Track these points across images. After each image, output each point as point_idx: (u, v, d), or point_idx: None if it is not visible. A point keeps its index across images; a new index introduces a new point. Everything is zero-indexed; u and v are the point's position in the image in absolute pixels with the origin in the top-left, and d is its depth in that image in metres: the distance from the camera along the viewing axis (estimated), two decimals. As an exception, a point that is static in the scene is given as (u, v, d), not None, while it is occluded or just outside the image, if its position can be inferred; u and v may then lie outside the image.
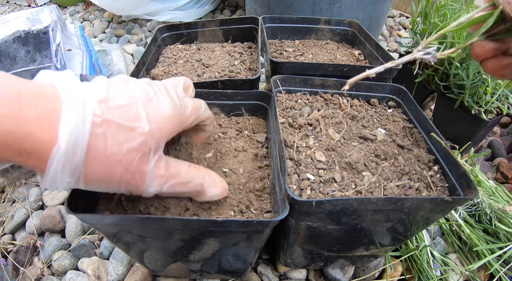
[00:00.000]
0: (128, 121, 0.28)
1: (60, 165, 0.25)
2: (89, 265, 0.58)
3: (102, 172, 0.28)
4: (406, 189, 0.41)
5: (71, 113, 0.25)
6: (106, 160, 0.27)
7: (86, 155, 0.26)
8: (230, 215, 0.41)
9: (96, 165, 0.27)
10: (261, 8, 1.13)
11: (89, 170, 0.27)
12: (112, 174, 0.28)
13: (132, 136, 0.28)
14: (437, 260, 0.59)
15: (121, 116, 0.27)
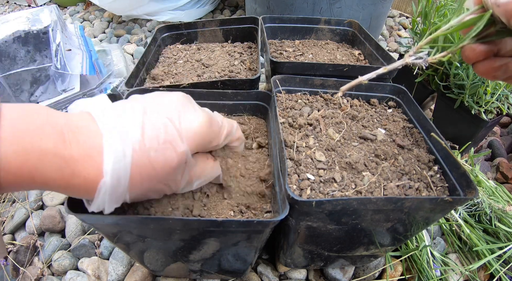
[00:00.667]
0: (165, 144, 0.29)
1: (107, 197, 0.27)
2: (89, 265, 0.58)
3: (144, 192, 0.30)
4: (406, 189, 0.41)
5: (112, 149, 0.27)
6: (147, 182, 0.29)
7: (129, 183, 0.28)
8: (230, 215, 0.41)
9: (137, 189, 0.29)
10: (261, 8, 1.13)
11: (132, 195, 0.29)
12: (152, 190, 0.31)
13: (170, 157, 0.29)
14: (437, 260, 0.59)
15: (158, 140, 0.29)
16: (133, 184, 0.28)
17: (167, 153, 0.29)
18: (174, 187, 0.33)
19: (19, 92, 0.80)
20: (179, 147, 0.30)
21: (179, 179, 0.33)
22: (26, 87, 0.80)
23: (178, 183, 0.33)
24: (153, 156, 0.28)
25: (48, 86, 0.82)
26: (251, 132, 0.54)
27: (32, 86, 0.81)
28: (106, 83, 0.85)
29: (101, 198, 0.27)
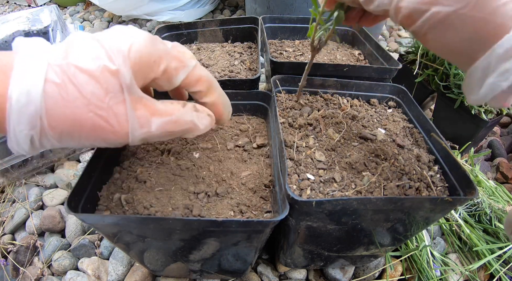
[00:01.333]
0: (88, 60, 0.25)
1: (15, 117, 0.23)
2: (89, 265, 0.58)
3: (68, 119, 0.25)
4: (406, 189, 0.41)
5: (22, 64, 0.23)
6: (69, 105, 0.25)
7: (45, 103, 0.24)
8: (230, 215, 0.41)
9: (58, 113, 0.24)
10: (261, 8, 1.13)
11: (52, 119, 0.24)
12: (80, 121, 0.25)
13: (95, 73, 0.25)
14: (437, 260, 0.59)
15: (79, 58, 0.25)
16: (49, 105, 0.24)
17: (88, 71, 0.25)
18: (116, 123, 0.26)
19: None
20: (108, 65, 0.25)
21: (121, 111, 0.26)
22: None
23: (120, 117, 0.26)
24: (72, 72, 0.24)
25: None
26: (251, 133, 0.54)
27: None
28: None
29: (12, 121, 0.23)
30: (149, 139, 0.30)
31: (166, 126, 0.29)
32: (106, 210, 0.41)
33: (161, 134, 0.30)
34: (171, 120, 0.30)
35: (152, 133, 0.29)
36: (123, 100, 0.26)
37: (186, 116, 0.31)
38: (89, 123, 0.26)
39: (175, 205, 0.41)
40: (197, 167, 0.47)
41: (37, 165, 0.75)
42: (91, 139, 0.27)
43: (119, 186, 0.44)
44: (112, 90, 0.25)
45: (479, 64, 0.23)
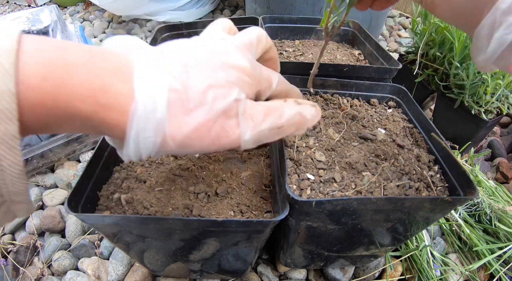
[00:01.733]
0: (209, 73, 0.25)
1: (142, 121, 0.23)
2: (89, 265, 0.58)
3: (189, 128, 0.24)
4: (406, 189, 0.41)
5: (144, 68, 0.23)
6: (196, 114, 0.24)
7: (168, 111, 0.23)
8: (230, 215, 0.41)
9: (180, 121, 0.24)
10: (261, 8, 1.13)
11: (174, 127, 0.24)
12: (200, 130, 0.25)
13: (220, 90, 0.25)
14: (437, 260, 0.59)
15: (200, 74, 0.25)
16: (173, 113, 0.23)
17: (216, 84, 0.25)
18: (232, 129, 0.26)
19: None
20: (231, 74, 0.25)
21: (233, 125, 0.26)
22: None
23: (234, 129, 0.26)
24: (194, 83, 0.24)
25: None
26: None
27: (32, 86, 0.80)
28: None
29: (135, 124, 0.22)
30: (261, 140, 0.29)
31: (273, 122, 0.28)
32: (106, 210, 0.41)
33: (270, 131, 0.29)
34: (277, 114, 0.29)
35: (262, 132, 0.28)
36: (238, 112, 0.26)
37: (291, 108, 0.30)
38: (210, 134, 0.25)
39: (175, 205, 0.41)
40: (197, 167, 0.47)
41: (37, 165, 0.75)
42: (208, 147, 0.27)
43: (119, 186, 0.44)
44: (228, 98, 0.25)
45: (485, 21, 0.24)
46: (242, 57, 0.27)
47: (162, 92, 0.23)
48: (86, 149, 0.80)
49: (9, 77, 0.18)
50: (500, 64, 0.25)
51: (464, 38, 0.68)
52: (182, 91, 0.24)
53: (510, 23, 0.23)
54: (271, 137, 0.29)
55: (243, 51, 0.28)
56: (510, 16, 0.23)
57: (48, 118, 0.21)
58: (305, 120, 0.31)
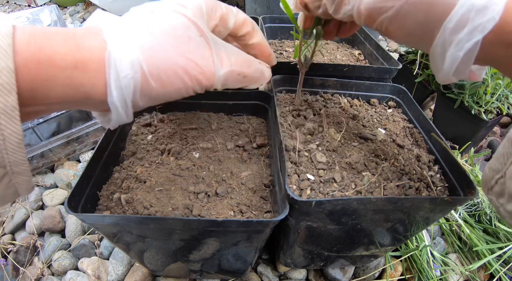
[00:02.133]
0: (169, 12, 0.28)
1: (118, 61, 0.25)
2: (89, 265, 0.58)
3: (164, 64, 0.27)
4: (406, 189, 0.41)
5: (111, 26, 0.27)
6: (163, 52, 0.27)
7: (142, 52, 0.26)
8: (230, 215, 0.41)
9: (155, 59, 0.27)
10: (261, 8, 1.13)
11: (151, 65, 0.27)
12: (175, 65, 0.28)
13: (173, 16, 0.28)
14: (437, 260, 0.59)
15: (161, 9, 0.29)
16: (147, 53, 0.26)
17: (169, 14, 0.28)
18: (204, 64, 0.29)
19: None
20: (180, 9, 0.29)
21: (206, 54, 0.29)
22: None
23: (206, 59, 0.29)
24: (156, 18, 0.28)
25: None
26: (251, 133, 0.54)
27: (32, 86, 0.80)
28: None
29: (112, 67, 0.25)
30: (229, 82, 0.32)
31: (242, 67, 0.32)
32: (106, 210, 0.41)
33: (237, 76, 0.33)
34: (246, 61, 0.33)
35: (232, 73, 0.31)
36: (206, 44, 0.29)
37: (257, 64, 0.35)
38: (182, 66, 0.28)
39: (175, 205, 0.41)
40: (197, 167, 0.47)
41: (37, 165, 0.75)
42: (182, 83, 0.29)
43: (119, 186, 0.44)
44: (193, 37, 0.29)
45: (437, 41, 0.26)
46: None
47: (130, 36, 0.26)
48: (86, 149, 0.80)
49: (7, 56, 0.21)
50: (459, 76, 0.27)
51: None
52: (146, 33, 0.27)
53: (458, 40, 0.24)
54: (236, 82, 0.33)
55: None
56: (457, 34, 0.24)
57: (35, 82, 0.23)
58: (263, 78, 0.36)
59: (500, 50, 0.24)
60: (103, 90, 0.26)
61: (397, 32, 0.28)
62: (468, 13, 0.23)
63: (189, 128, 0.54)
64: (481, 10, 0.23)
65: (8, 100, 0.21)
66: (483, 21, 0.23)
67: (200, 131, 0.53)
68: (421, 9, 0.25)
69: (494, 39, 0.23)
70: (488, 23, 0.23)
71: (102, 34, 0.26)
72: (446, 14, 0.24)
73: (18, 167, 0.24)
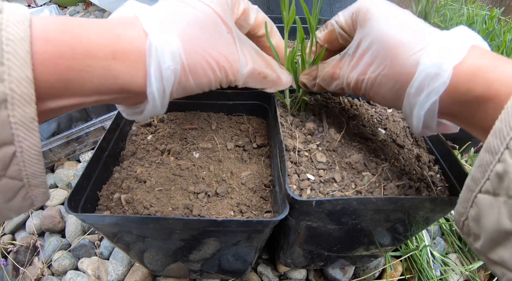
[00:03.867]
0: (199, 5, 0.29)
1: (160, 52, 0.25)
2: (89, 265, 0.58)
3: (200, 57, 0.28)
4: (406, 189, 0.41)
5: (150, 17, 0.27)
6: (199, 45, 0.28)
7: (181, 43, 0.27)
8: (230, 215, 0.41)
9: (192, 51, 0.27)
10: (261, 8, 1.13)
11: (189, 57, 0.27)
12: (210, 59, 0.29)
13: (200, 9, 0.29)
14: (437, 260, 0.59)
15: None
16: (185, 44, 0.27)
17: (198, 6, 0.29)
18: (232, 60, 0.30)
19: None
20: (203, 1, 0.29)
21: (233, 51, 0.31)
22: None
23: (233, 55, 0.31)
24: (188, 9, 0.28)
25: (48, 86, 0.82)
26: (251, 133, 0.54)
27: (32, 86, 0.80)
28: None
29: (154, 57, 0.25)
30: (250, 80, 0.34)
31: (263, 67, 0.35)
32: (106, 210, 0.41)
33: (258, 76, 0.34)
34: (267, 61, 0.35)
35: (254, 71, 0.33)
36: (233, 40, 0.31)
37: (276, 65, 0.38)
38: (215, 59, 0.29)
39: (175, 205, 0.41)
40: (197, 167, 0.47)
41: (37, 165, 0.75)
42: (213, 75, 0.30)
43: (119, 186, 0.44)
44: (223, 32, 0.30)
45: (405, 103, 0.31)
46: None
47: (169, 26, 0.26)
48: (86, 149, 0.80)
49: (26, 66, 0.20)
50: (429, 130, 0.31)
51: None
52: (184, 24, 0.27)
53: (420, 102, 0.28)
54: (256, 82, 0.35)
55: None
56: (418, 97, 0.28)
57: (70, 72, 0.22)
58: (280, 83, 0.39)
59: (455, 107, 0.27)
60: (142, 81, 0.26)
61: (375, 97, 0.34)
62: (424, 80, 0.27)
63: (189, 128, 0.54)
64: (434, 77, 0.27)
65: (27, 111, 0.20)
66: (436, 85, 0.27)
67: (200, 131, 0.54)
68: (392, 79, 0.30)
69: (448, 99, 0.27)
70: (440, 87, 0.27)
71: (140, 24, 0.26)
72: (408, 82, 0.29)
73: (36, 179, 0.23)
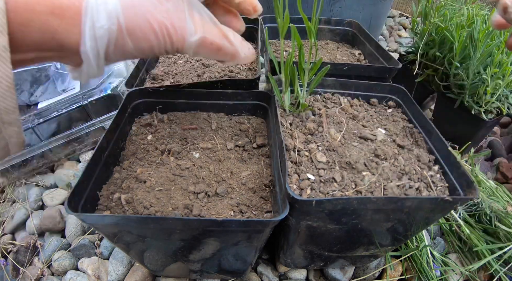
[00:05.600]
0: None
1: (95, 11, 0.25)
2: (89, 265, 0.58)
3: (141, 20, 0.27)
4: (406, 188, 0.41)
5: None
6: (140, 7, 0.27)
7: (120, 4, 0.26)
8: (230, 215, 0.41)
9: (132, 13, 0.27)
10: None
11: (127, 19, 0.27)
12: (151, 22, 0.28)
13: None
14: (437, 260, 0.59)
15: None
16: (125, 5, 0.26)
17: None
18: (178, 26, 0.29)
19: (19, 92, 0.80)
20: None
21: (182, 17, 0.29)
22: (26, 87, 0.80)
23: (181, 22, 0.29)
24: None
25: (48, 86, 0.82)
26: (251, 133, 0.54)
27: (32, 86, 0.81)
28: (106, 83, 0.85)
29: (89, 15, 0.25)
30: (201, 50, 0.32)
31: (216, 37, 0.32)
32: (106, 210, 0.41)
33: (211, 46, 0.32)
34: (222, 33, 0.33)
35: (204, 40, 0.31)
36: (183, 6, 0.29)
37: (232, 38, 0.34)
38: (158, 23, 0.28)
39: (175, 205, 0.41)
40: (197, 167, 0.47)
41: (37, 165, 0.75)
42: (156, 41, 0.29)
43: (119, 186, 0.44)
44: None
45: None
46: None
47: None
48: (86, 149, 0.80)
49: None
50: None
51: (464, 38, 0.68)
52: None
53: None
54: (209, 53, 0.33)
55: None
56: None
57: (12, 26, 0.22)
58: (237, 57, 0.36)
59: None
60: (77, 39, 0.25)
61: None
62: None
63: (189, 128, 0.54)
64: None
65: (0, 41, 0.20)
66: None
67: (200, 131, 0.53)
68: None
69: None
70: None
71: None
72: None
73: (9, 116, 0.23)
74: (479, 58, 0.65)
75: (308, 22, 0.43)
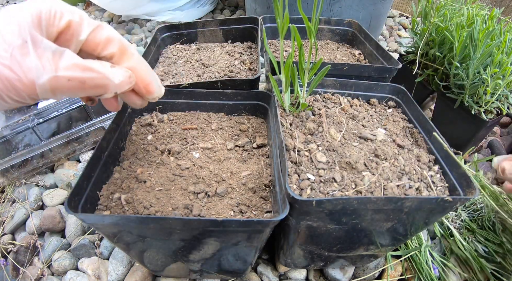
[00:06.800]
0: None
1: None
2: (89, 265, 0.58)
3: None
4: (406, 188, 0.41)
5: None
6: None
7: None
8: (230, 215, 0.41)
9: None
10: (261, 8, 1.13)
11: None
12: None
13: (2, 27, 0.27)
14: (436, 260, 0.59)
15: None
16: None
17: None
18: (21, 72, 0.27)
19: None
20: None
21: (26, 62, 0.27)
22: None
23: (24, 66, 0.27)
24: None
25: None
26: (251, 133, 0.54)
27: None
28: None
29: None
30: (60, 90, 0.29)
31: (74, 71, 0.29)
32: (106, 210, 0.41)
33: (69, 83, 0.29)
34: (81, 64, 0.29)
35: (58, 79, 0.29)
36: (30, 50, 0.27)
37: (98, 66, 0.30)
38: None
39: (175, 205, 0.41)
40: (197, 167, 0.47)
41: (37, 165, 0.75)
42: (4, 89, 0.28)
43: (119, 186, 0.44)
44: (15, 44, 0.27)
45: None
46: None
47: None
48: (86, 149, 0.80)
49: None
50: None
51: (464, 38, 0.67)
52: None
53: None
54: (73, 90, 0.30)
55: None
56: None
57: None
58: (111, 84, 0.31)
59: None
60: None
61: None
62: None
63: (189, 128, 0.54)
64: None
65: None
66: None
67: (200, 131, 0.54)
68: None
69: None
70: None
71: None
72: None
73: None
74: (479, 58, 0.65)
75: (308, 22, 0.43)
